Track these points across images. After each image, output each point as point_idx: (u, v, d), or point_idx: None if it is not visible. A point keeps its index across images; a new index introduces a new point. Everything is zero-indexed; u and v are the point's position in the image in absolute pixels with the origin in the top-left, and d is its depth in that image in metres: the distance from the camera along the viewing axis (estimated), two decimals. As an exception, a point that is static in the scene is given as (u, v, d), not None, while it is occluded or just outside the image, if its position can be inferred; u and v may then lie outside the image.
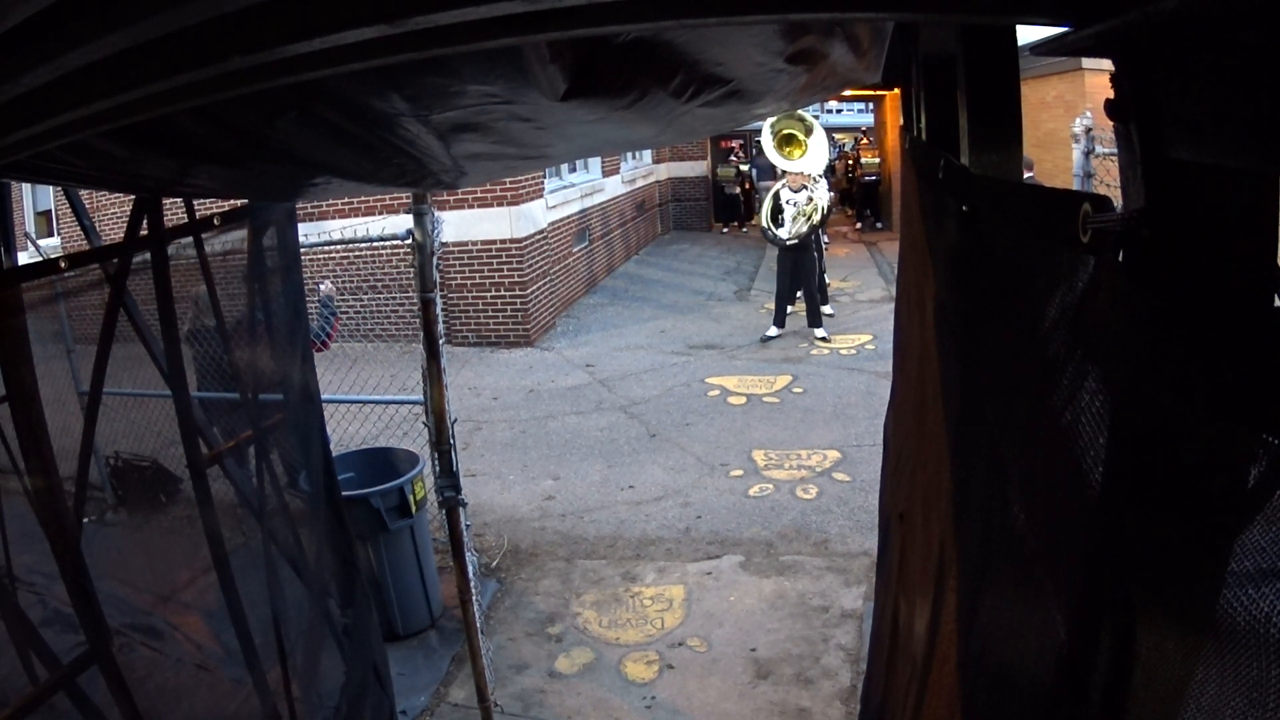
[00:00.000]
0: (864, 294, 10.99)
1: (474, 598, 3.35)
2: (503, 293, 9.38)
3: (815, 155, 9.55)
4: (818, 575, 4.43)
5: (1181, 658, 0.57)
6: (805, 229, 8.92)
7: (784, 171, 9.48)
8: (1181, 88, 0.61)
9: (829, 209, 9.59)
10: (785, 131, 9.63)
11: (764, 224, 9.20)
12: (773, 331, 9.02)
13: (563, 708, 3.59)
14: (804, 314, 9.16)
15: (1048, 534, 0.87)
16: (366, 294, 9.15)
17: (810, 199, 8.97)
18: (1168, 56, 0.63)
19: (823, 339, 8.83)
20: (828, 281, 10.66)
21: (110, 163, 1.61)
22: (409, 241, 3.32)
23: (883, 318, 8.98)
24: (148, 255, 2.27)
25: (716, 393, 7.48)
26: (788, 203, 9.01)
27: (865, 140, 18.29)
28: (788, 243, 8.93)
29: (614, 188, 13.12)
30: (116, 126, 1.04)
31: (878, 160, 16.96)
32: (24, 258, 4.41)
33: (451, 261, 9.18)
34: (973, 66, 1.35)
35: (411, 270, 3.35)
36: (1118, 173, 0.80)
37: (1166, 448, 0.60)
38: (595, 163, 12.19)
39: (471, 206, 9.15)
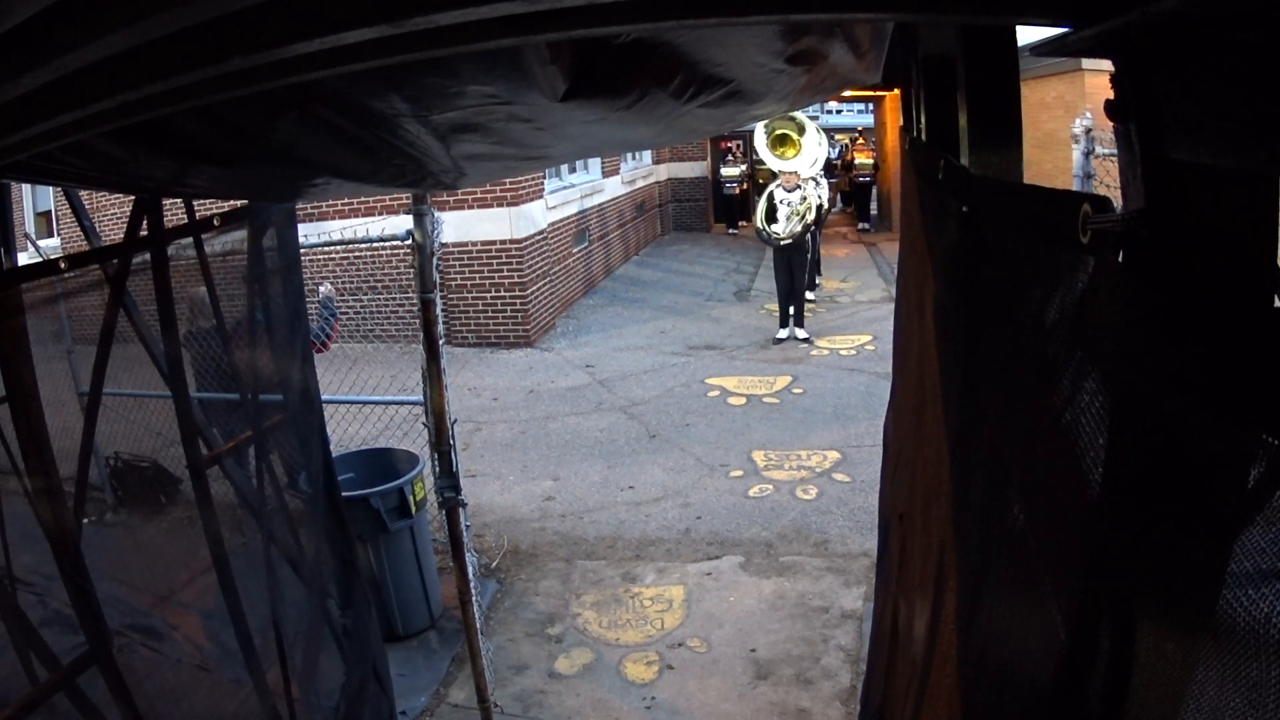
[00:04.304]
0: (864, 294, 10.99)
1: (474, 598, 3.35)
2: (502, 293, 9.37)
3: (809, 154, 9.60)
4: (818, 576, 4.43)
5: (1181, 658, 0.57)
6: (799, 228, 8.93)
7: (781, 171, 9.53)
8: (1181, 88, 0.61)
9: (827, 208, 9.63)
10: (779, 132, 9.68)
11: (759, 224, 9.23)
12: (782, 334, 9.03)
13: (562, 708, 3.59)
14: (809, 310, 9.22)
15: (1048, 534, 0.87)
16: (366, 295, 9.15)
17: (804, 198, 9.00)
18: (1168, 57, 0.63)
19: (805, 340, 8.86)
20: (819, 281, 10.73)
21: (110, 163, 1.61)
22: (409, 242, 3.32)
23: (883, 318, 8.97)
24: (147, 256, 2.27)
25: (716, 393, 7.48)
26: (781, 202, 9.04)
27: (860, 140, 18.32)
28: (782, 242, 8.95)
29: (614, 188, 13.12)
30: (116, 127, 1.04)
31: (871, 160, 17.01)
32: (24, 258, 4.41)
33: (451, 262, 9.18)
34: (973, 66, 1.35)
35: (411, 271, 3.35)
36: (1118, 173, 0.80)
37: (1166, 448, 0.60)
38: (595, 163, 12.19)
39: (471, 207, 9.15)
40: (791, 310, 9.05)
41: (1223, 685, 0.52)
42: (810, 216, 9.01)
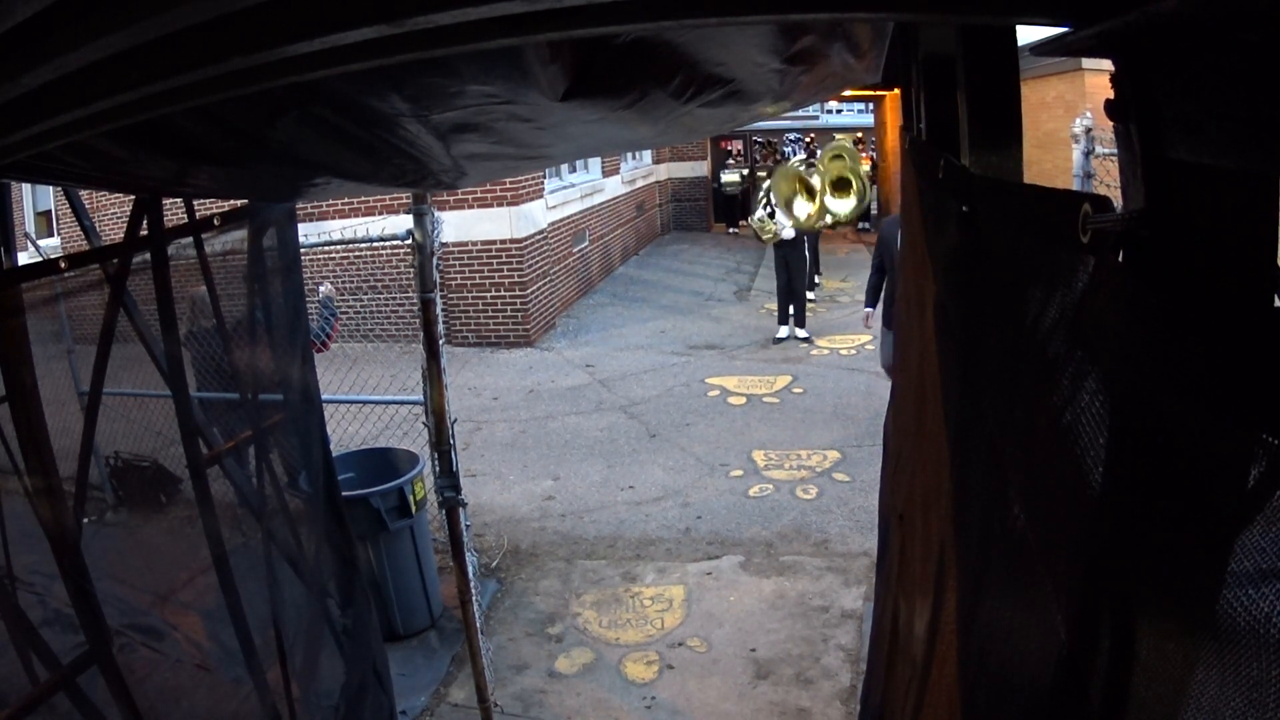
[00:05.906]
0: (864, 294, 10.97)
1: (474, 598, 3.35)
2: (503, 293, 9.38)
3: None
4: (818, 575, 4.43)
5: (1181, 658, 0.57)
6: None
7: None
8: (1181, 88, 0.61)
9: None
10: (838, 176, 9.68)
11: (756, 217, 9.33)
12: (782, 333, 9.04)
13: (562, 708, 3.59)
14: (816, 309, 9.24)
15: (1048, 534, 0.87)
16: (366, 294, 9.16)
17: None
18: (1168, 57, 0.63)
19: (805, 339, 8.87)
20: (819, 280, 10.72)
21: (110, 163, 1.61)
22: (409, 242, 3.32)
23: (883, 318, 8.98)
24: (147, 256, 2.27)
25: (716, 393, 7.48)
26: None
27: (860, 143, 18.34)
28: (765, 232, 8.99)
29: (614, 188, 13.12)
30: (116, 127, 1.04)
31: (869, 163, 17.03)
32: (24, 258, 4.41)
33: (451, 262, 9.18)
34: (973, 66, 1.34)
35: (411, 270, 3.35)
36: (1118, 173, 0.80)
37: (1166, 448, 0.60)
38: (595, 163, 12.19)
39: (471, 207, 9.15)
40: (791, 310, 9.05)
41: (1223, 685, 0.52)
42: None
